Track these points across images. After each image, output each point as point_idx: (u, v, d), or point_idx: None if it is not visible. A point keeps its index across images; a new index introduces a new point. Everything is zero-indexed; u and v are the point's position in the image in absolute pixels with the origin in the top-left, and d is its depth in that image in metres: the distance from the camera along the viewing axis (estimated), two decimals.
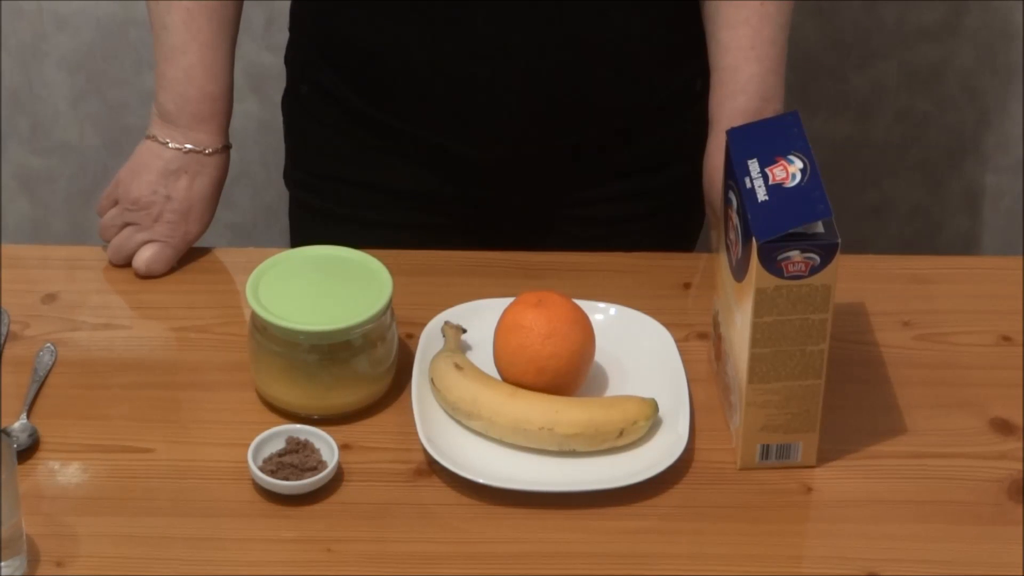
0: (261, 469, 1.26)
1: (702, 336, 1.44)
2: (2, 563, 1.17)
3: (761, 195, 1.22)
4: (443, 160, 1.58)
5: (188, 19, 1.52)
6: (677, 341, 1.40)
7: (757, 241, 1.19)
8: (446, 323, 1.39)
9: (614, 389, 1.38)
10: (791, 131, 1.27)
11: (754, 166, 1.25)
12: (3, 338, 1.43)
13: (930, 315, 1.48)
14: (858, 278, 1.49)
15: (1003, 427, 1.36)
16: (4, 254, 1.53)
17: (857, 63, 2.25)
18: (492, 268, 1.54)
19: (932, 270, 1.55)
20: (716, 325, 1.37)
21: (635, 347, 1.40)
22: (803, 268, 1.20)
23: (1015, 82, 2.26)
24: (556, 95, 1.52)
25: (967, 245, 2.40)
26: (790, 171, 1.23)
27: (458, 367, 1.33)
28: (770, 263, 1.20)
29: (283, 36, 1.67)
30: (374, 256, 1.38)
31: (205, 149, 1.53)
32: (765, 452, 1.29)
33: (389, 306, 1.34)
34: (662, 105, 1.58)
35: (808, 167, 1.23)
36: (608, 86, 1.53)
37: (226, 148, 1.56)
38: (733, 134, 1.29)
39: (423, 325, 1.40)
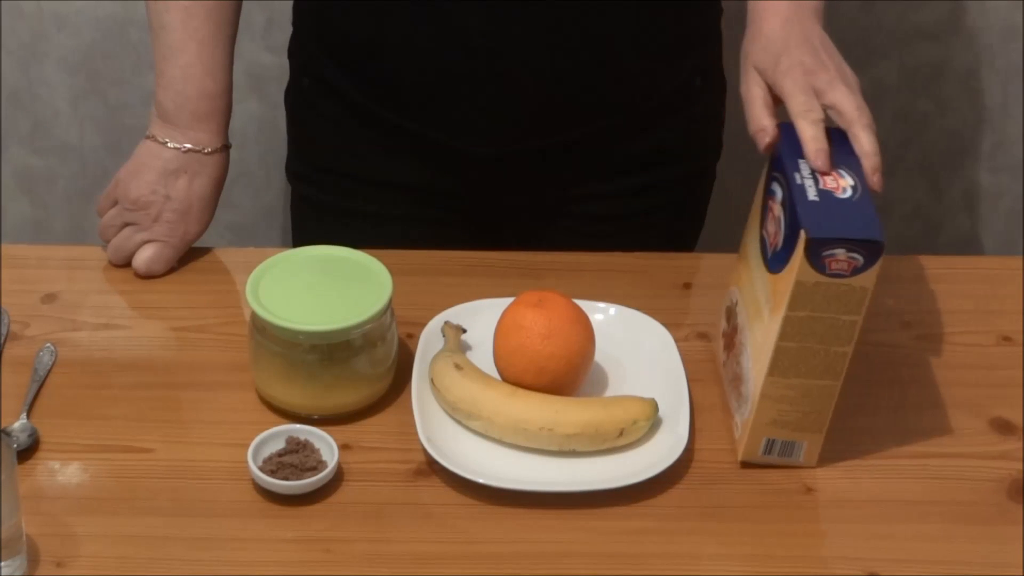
0: (261, 469, 1.26)
1: (702, 336, 1.44)
2: (2, 563, 1.17)
3: (811, 194, 1.22)
4: (443, 155, 1.58)
5: (186, 18, 1.52)
6: (677, 341, 1.40)
7: (807, 234, 1.19)
8: (446, 323, 1.39)
9: (614, 389, 1.38)
10: (843, 147, 1.26)
11: (805, 166, 1.24)
12: (3, 338, 1.43)
13: (930, 315, 1.48)
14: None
15: (1003, 427, 1.36)
16: (4, 254, 1.53)
17: (857, 63, 2.24)
18: (492, 268, 1.54)
19: (932, 270, 1.55)
20: (731, 315, 1.36)
21: (635, 347, 1.40)
22: (846, 267, 1.20)
23: (1015, 82, 2.26)
24: (555, 91, 1.52)
25: (967, 245, 2.40)
26: (841, 184, 1.23)
27: (458, 367, 1.33)
28: (816, 258, 1.19)
29: (283, 36, 1.67)
30: (374, 256, 1.38)
31: (204, 148, 1.54)
32: (769, 447, 1.29)
33: (389, 306, 1.34)
34: (662, 102, 1.58)
35: (860, 187, 1.23)
36: (607, 83, 1.53)
37: (226, 148, 1.56)
38: (786, 128, 1.29)
39: (423, 325, 1.40)
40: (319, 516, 1.25)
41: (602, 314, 1.42)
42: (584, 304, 1.38)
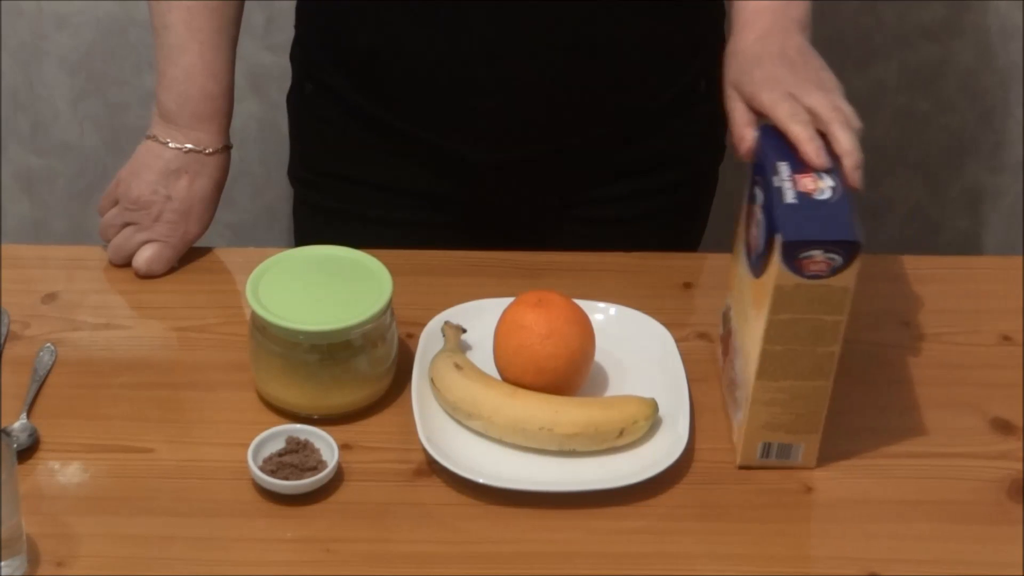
0: (261, 469, 1.26)
1: (702, 336, 1.44)
2: (2, 563, 1.17)
3: (789, 197, 1.22)
4: (445, 160, 1.58)
5: (188, 18, 1.52)
6: (677, 341, 1.40)
7: (782, 238, 1.19)
8: (446, 323, 1.39)
9: (614, 389, 1.38)
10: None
11: (784, 169, 1.25)
12: (3, 338, 1.43)
13: (930, 315, 1.48)
14: (858, 278, 1.49)
15: (1003, 427, 1.36)
16: (4, 254, 1.54)
17: (857, 63, 2.25)
18: (492, 268, 1.54)
19: (932, 270, 1.55)
20: (727, 320, 1.36)
21: (635, 347, 1.40)
22: (824, 268, 1.20)
23: (1015, 82, 2.26)
24: (557, 96, 1.52)
25: (967, 245, 2.40)
26: (819, 186, 1.23)
27: (458, 367, 1.33)
28: (791, 260, 1.19)
29: (283, 36, 1.67)
30: (374, 256, 1.38)
31: (205, 149, 1.54)
32: (766, 450, 1.29)
33: (389, 306, 1.35)
34: (665, 106, 1.58)
35: (839, 189, 1.23)
36: (609, 87, 1.53)
37: (227, 148, 1.56)
38: (766, 131, 1.29)
39: (423, 325, 1.40)
40: (319, 516, 1.25)
41: (602, 314, 1.42)
42: (584, 304, 1.38)
